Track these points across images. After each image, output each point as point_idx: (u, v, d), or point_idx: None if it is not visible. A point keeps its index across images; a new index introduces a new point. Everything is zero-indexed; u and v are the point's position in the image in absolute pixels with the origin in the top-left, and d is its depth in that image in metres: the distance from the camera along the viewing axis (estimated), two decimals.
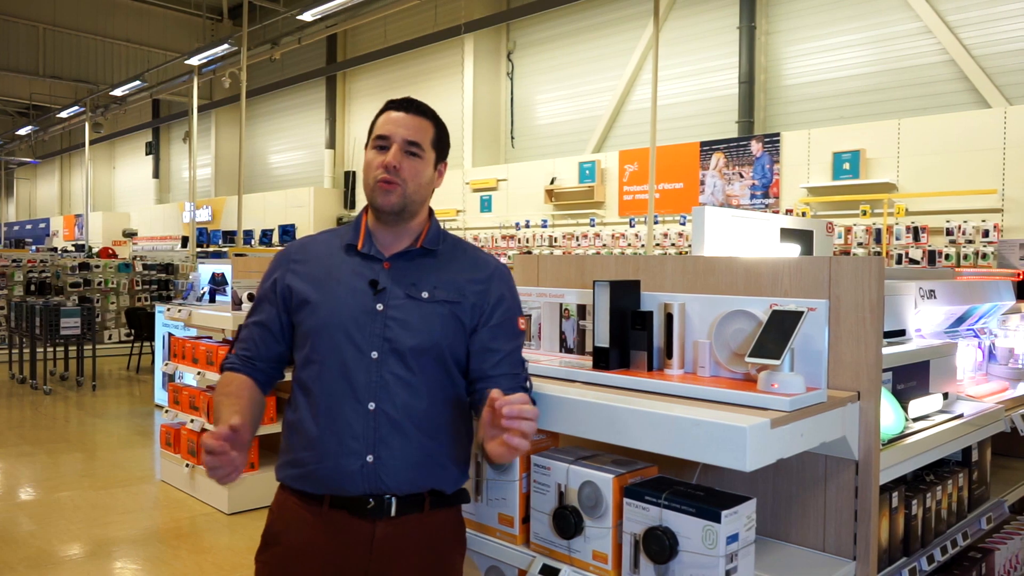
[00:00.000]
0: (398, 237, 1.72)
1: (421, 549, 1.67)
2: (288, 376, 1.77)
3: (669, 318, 1.79)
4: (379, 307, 1.64)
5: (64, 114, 20.40)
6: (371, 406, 1.61)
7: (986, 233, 7.68)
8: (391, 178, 1.65)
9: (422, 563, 1.67)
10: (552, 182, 11.88)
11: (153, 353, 9.79)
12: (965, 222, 7.83)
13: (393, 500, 1.63)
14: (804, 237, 2.87)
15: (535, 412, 1.46)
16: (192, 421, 5.25)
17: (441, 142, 1.74)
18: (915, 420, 2.06)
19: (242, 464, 1.51)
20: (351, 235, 1.73)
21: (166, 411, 5.67)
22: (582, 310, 2.10)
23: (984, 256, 7.64)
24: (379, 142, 1.68)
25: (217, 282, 6.94)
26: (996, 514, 2.39)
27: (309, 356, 1.67)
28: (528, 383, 1.74)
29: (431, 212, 1.79)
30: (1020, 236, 6.99)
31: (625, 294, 1.85)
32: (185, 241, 17.46)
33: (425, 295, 1.67)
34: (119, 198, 27.58)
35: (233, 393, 1.70)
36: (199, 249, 15.02)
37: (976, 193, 7.79)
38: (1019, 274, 3.14)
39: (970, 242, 7.79)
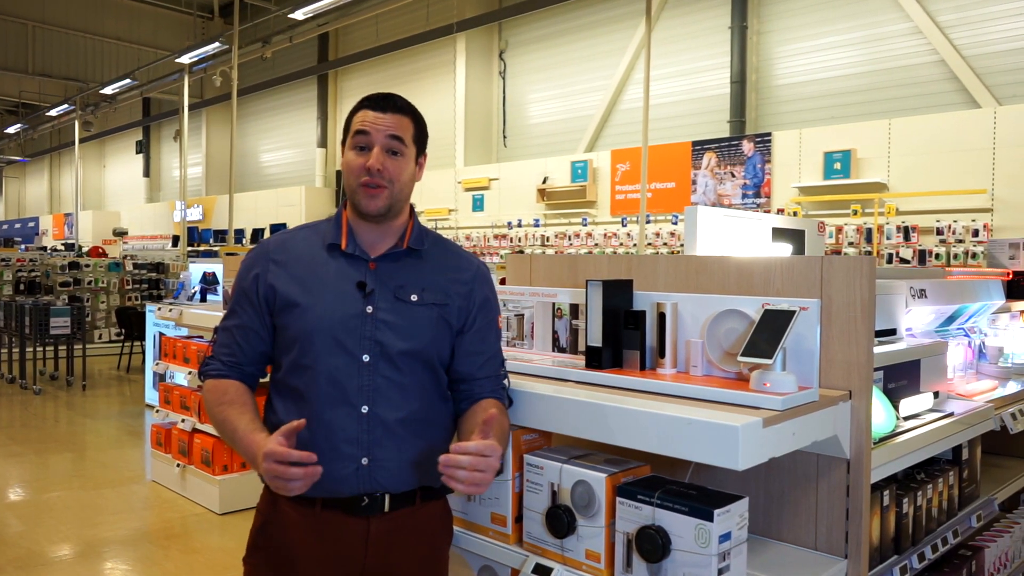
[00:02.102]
0: (382, 236, 1.70)
1: (414, 542, 1.68)
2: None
3: (662, 317, 1.80)
4: (368, 309, 1.63)
5: (54, 112, 20.30)
6: (364, 409, 1.61)
7: (976, 232, 7.73)
8: (376, 181, 1.62)
9: (416, 555, 1.69)
10: (544, 181, 11.89)
11: (144, 353, 9.74)
12: (955, 222, 7.87)
13: (387, 497, 1.63)
14: (796, 236, 2.88)
15: (489, 465, 1.48)
16: (183, 421, 5.23)
17: (421, 136, 1.71)
18: (906, 419, 2.07)
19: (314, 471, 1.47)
20: (333, 233, 1.69)
21: (157, 411, 5.64)
22: (575, 309, 2.10)
23: (974, 255, 7.68)
24: (359, 140, 1.63)
25: (208, 281, 6.92)
26: (986, 512, 2.40)
27: (297, 360, 1.63)
28: (506, 382, 1.76)
29: (412, 209, 1.77)
30: (1010, 235, 7.03)
31: (618, 293, 1.85)
32: (176, 240, 17.38)
33: (414, 298, 1.66)
34: (109, 197, 27.45)
35: (236, 401, 1.64)
36: (190, 248, 14.96)
37: (966, 193, 7.83)
38: (1009, 273, 3.16)
39: (960, 241, 7.83)
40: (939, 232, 7.96)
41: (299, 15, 12.10)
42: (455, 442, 1.55)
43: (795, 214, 9.03)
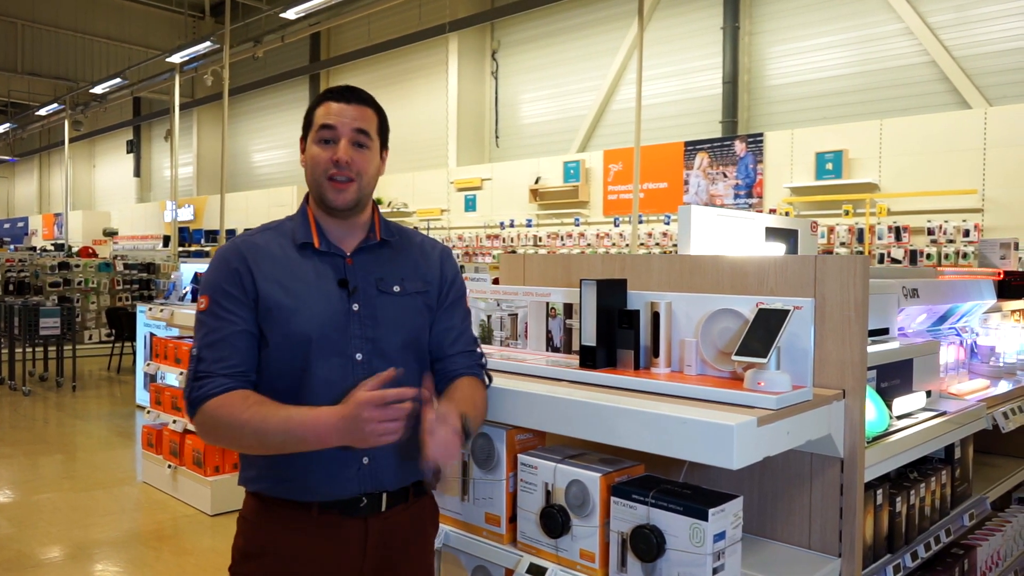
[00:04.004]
0: (351, 231, 1.67)
1: (409, 537, 1.68)
2: None
3: (656, 317, 1.79)
4: (354, 307, 1.60)
5: (43, 111, 20.18)
6: None
7: (967, 233, 7.76)
8: (345, 174, 1.59)
9: (410, 550, 1.69)
10: (537, 181, 11.89)
11: (134, 353, 9.70)
12: (946, 222, 7.91)
13: (384, 496, 1.62)
14: (789, 236, 2.88)
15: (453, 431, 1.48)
16: (175, 422, 5.21)
17: (384, 129, 1.69)
18: (899, 418, 2.07)
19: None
20: (302, 232, 1.63)
21: (148, 412, 5.61)
22: (568, 309, 2.10)
23: (965, 255, 7.72)
24: (324, 133, 1.59)
25: (199, 282, 6.89)
26: (978, 511, 2.41)
27: (288, 364, 1.58)
28: (484, 360, 1.77)
29: (374, 203, 1.75)
30: (1000, 235, 7.07)
31: (612, 293, 1.85)
32: (167, 240, 17.32)
33: (397, 289, 1.65)
34: (99, 197, 27.31)
35: (266, 401, 1.52)
36: (181, 248, 14.90)
37: (957, 193, 7.87)
38: (999, 273, 3.18)
39: (951, 241, 7.87)
40: (930, 232, 8.00)
41: (291, 14, 12.06)
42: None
43: (787, 214, 9.06)
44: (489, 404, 1.75)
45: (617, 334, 1.83)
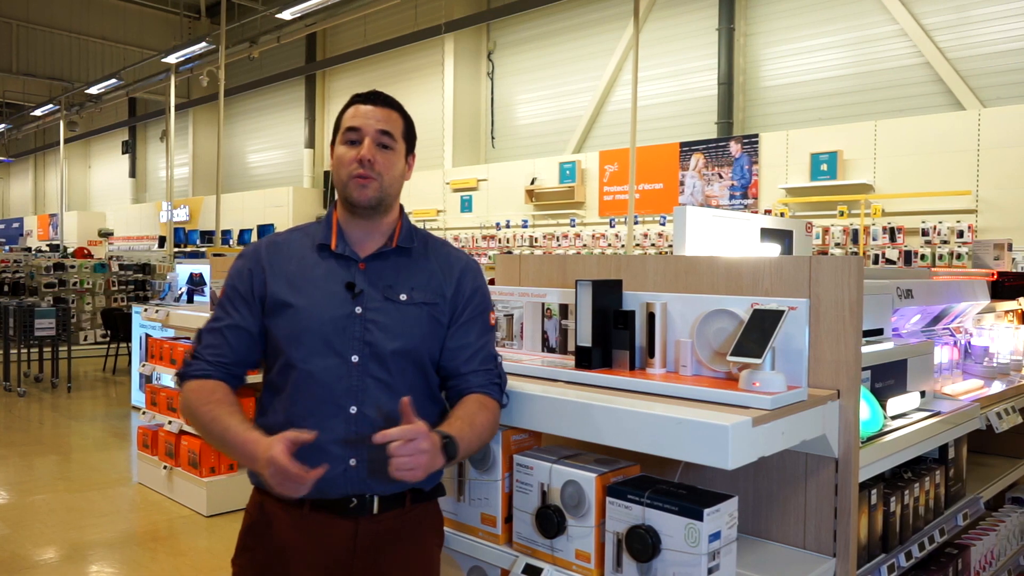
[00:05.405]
0: (371, 235, 1.69)
1: (403, 544, 1.68)
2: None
3: (651, 317, 1.80)
4: (357, 310, 1.62)
5: (38, 112, 20.13)
6: (352, 410, 1.60)
7: (960, 233, 7.79)
8: (366, 172, 1.62)
9: (405, 558, 1.68)
10: (532, 182, 11.90)
11: (130, 354, 9.67)
12: (940, 223, 7.93)
13: (375, 499, 1.63)
14: (784, 237, 2.89)
15: (418, 449, 1.44)
16: (170, 423, 5.20)
17: (409, 133, 1.72)
18: (893, 418, 2.08)
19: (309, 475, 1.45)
20: (323, 234, 1.68)
21: (143, 413, 5.60)
22: (564, 309, 2.11)
23: (959, 256, 7.74)
24: (350, 135, 1.64)
25: (195, 282, 6.88)
26: (972, 511, 2.42)
27: (288, 361, 1.62)
28: (501, 379, 1.73)
29: (401, 208, 1.77)
30: (994, 236, 7.09)
31: (607, 293, 1.85)
32: (162, 241, 17.28)
33: (403, 297, 1.65)
34: (95, 197, 27.25)
35: (224, 401, 1.59)
36: (176, 249, 14.88)
37: (951, 194, 7.89)
38: (993, 274, 3.19)
39: (945, 242, 7.89)
40: (924, 233, 8.02)
41: (287, 15, 12.05)
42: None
43: (782, 215, 9.08)
44: None
45: (613, 335, 1.84)
